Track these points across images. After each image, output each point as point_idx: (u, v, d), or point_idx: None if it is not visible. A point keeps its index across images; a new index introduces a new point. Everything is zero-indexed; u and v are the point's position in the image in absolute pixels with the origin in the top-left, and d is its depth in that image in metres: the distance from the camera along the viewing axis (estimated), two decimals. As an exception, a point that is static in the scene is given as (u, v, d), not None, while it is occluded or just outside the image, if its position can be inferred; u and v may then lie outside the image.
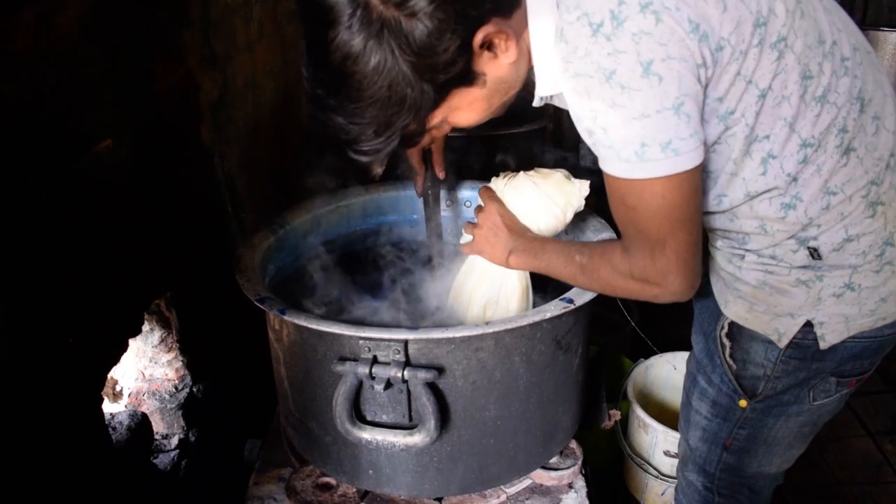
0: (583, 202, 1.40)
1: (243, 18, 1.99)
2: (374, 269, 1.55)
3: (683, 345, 2.59)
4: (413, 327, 1.30)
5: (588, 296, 1.25)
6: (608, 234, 1.48)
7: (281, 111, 2.37)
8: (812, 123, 1.09)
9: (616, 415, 1.62)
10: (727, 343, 1.36)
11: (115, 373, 1.65)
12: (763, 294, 1.26)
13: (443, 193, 1.67)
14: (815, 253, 1.19)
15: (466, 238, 1.42)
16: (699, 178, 1.07)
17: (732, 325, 1.33)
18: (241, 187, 1.92)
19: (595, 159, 1.10)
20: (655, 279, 1.13)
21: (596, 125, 1.02)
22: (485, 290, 1.40)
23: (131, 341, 1.45)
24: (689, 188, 1.05)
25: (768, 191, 1.15)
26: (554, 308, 1.20)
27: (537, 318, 1.18)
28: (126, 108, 1.32)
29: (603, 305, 2.97)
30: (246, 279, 1.30)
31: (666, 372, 2.52)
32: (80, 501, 1.21)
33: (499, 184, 1.42)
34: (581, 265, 1.25)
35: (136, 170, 1.36)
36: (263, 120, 2.16)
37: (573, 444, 1.47)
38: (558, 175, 1.40)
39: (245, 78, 1.99)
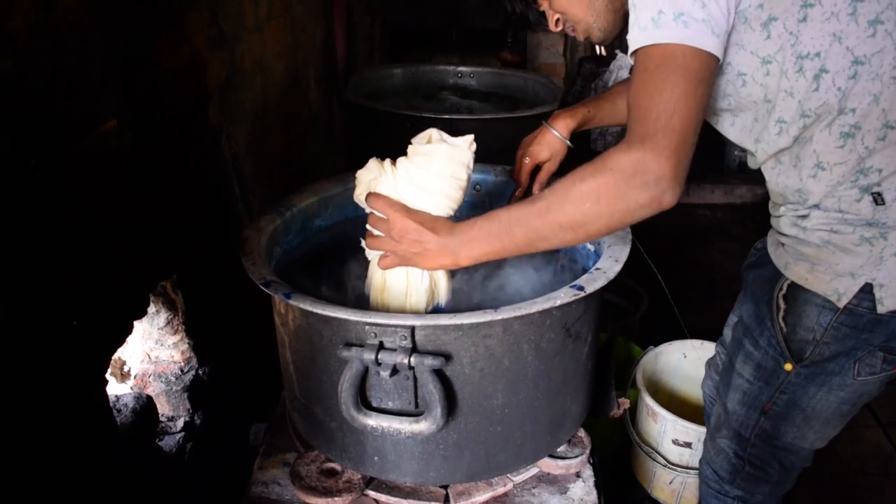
0: (473, 156, 1.27)
1: (252, -2, 1.97)
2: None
3: (694, 333, 2.58)
4: (420, 313, 1.29)
5: (599, 283, 1.23)
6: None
7: (290, 93, 2.35)
8: (864, 43, 1.16)
9: (625, 403, 1.60)
10: (783, 305, 1.38)
11: (123, 353, 1.65)
12: (826, 253, 1.29)
13: None
14: (878, 198, 1.23)
15: (377, 253, 1.28)
16: (708, 73, 1.11)
17: (791, 286, 1.36)
18: (248, 169, 1.91)
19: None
20: (647, 161, 1.06)
21: (632, 4, 1.12)
22: (417, 288, 1.30)
23: (137, 323, 1.44)
24: (696, 71, 1.09)
25: (821, 107, 1.20)
26: (564, 295, 1.18)
27: (547, 306, 1.16)
28: (131, 88, 1.31)
29: (613, 292, 2.97)
30: (251, 262, 1.28)
31: (676, 360, 2.50)
32: (85, 483, 1.21)
33: (387, 185, 1.26)
34: (545, 208, 1.13)
35: (142, 150, 1.34)
36: (272, 101, 2.15)
37: (581, 433, 1.45)
38: (444, 147, 1.25)
39: (253, 59, 1.98)
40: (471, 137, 1.28)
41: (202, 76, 1.62)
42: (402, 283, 1.30)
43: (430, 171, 1.25)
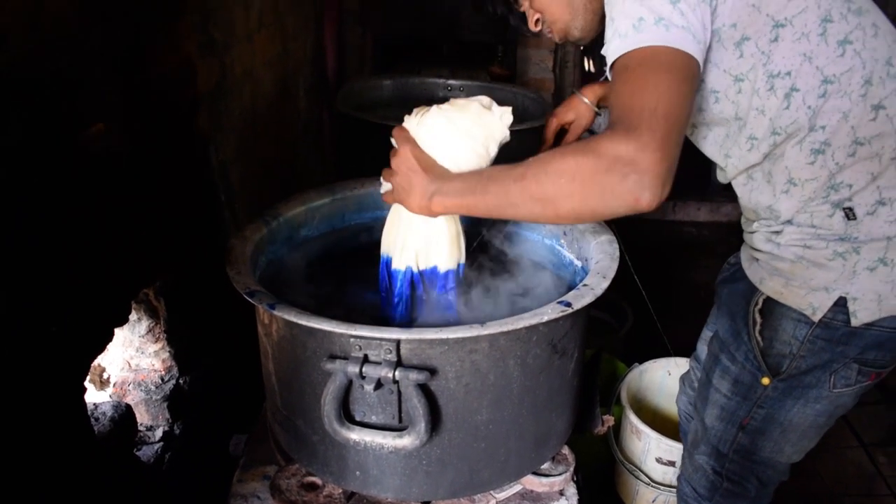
0: (507, 133, 1.27)
1: (243, 7, 1.96)
2: (367, 264, 1.51)
3: (678, 351, 2.58)
4: (406, 327, 1.27)
5: (587, 299, 1.22)
6: (607, 235, 1.45)
7: (279, 102, 2.34)
8: (834, 62, 1.19)
9: (609, 420, 1.60)
10: (758, 319, 1.41)
11: (103, 360, 1.62)
12: (800, 268, 1.32)
13: None
14: (850, 213, 1.26)
15: (386, 186, 1.30)
16: (692, 74, 1.10)
17: (767, 301, 1.39)
18: (236, 177, 1.89)
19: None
20: (630, 152, 1.00)
21: (610, 18, 1.14)
22: (413, 239, 1.31)
23: (117, 330, 1.42)
24: (679, 69, 1.08)
25: (792, 125, 1.23)
26: (551, 311, 1.17)
27: (534, 321, 1.15)
28: (120, 91, 1.30)
29: (598, 308, 2.97)
30: (236, 271, 1.27)
31: (660, 377, 2.50)
32: (62, 493, 1.18)
33: (411, 122, 1.28)
34: (521, 174, 1.10)
35: (129, 155, 1.33)
36: (261, 110, 2.13)
37: (565, 450, 1.44)
38: (475, 105, 1.27)
39: (243, 67, 1.97)
40: (508, 109, 1.27)
41: (192, 82, 1.61)
42: (400, 233, 1.32)
43: (451, 120, 1.25)
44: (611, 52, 1.11)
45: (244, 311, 1.35)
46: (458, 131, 1.24)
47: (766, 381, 1.42)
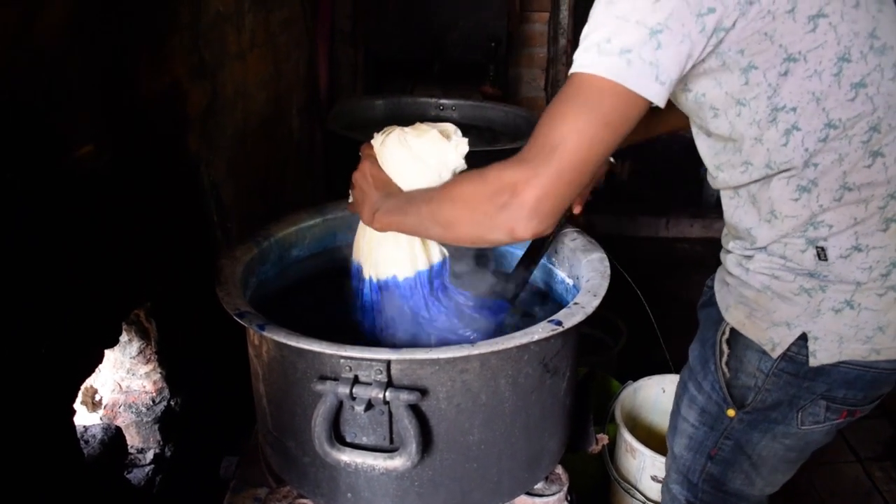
0: (462, 161, 1.30)
1: (235, 27, 1.97)
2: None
3: (672, 367, 2.57)
4: (396, 347, 1.27)
5: (577, 318, 1.22)
6: (598, 253, 1.45)
7: (271, 121, 2.35)
8: (842, 106, 1.11)
9: (604, 439, 1.59)
10: (725, 349, 1.36)
11: (95, 381, 1.61)
12: (764, 299, 1.27)
13: None
14: (822, 253, 1.20)
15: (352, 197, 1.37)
16: (629, 119, 1.04)
17: (733, 331, 1.34)
18: (226, 197, 1.89)
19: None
20: (514, 180, 1.02)
21: (590, 16, 1.05)
22: (376, 250, 1.34)
23: (108, 352, 1.41)
24: (614, 113, 1.02)
25: (786, 163, 1.16)
26: (542, 330, 1.17)
27: (525, 341, 1.15)
28: (110, 112, 1.30)
29: (592, 326, 2.96)
30: (226, 292, 1.26)
31: (655, 395, 2.49)
32: (49, 518, 1.17)
33: (377, 141, 1.33)
34: (430, 197, 1.16)
35: (119, 175, 1.33)
36: (252, 130, 2.14)
37: (559, 470, 1.44)
38: (434, 133, 1.30)
39: (235, 87, 1.97)
40: (464, 140, 1.31)
41: (182, 104, 1.61)
42: (366, 243, 1.35)
43: (407, 144, 1.29)
44: (575, 56, 1.06)
45: (235, 332, 1.34)
46: (411, 155, 1.29)
47: (731, 412, 1.37)
